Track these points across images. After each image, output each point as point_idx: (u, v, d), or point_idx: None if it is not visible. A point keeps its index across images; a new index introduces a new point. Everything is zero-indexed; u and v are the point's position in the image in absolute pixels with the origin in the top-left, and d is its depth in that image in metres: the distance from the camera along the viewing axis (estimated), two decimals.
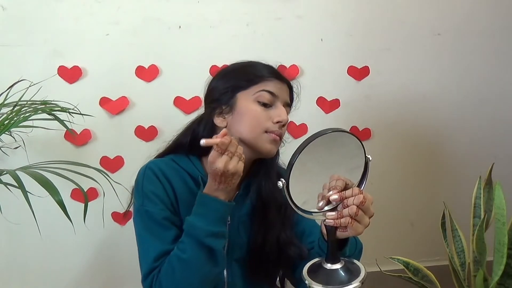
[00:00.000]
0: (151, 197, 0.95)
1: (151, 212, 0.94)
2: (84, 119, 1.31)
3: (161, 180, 0.96)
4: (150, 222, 0.94)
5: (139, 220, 0.96)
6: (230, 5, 1.59)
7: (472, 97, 1.85)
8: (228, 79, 1.00)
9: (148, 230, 0.94)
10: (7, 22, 1.46)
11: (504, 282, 1.26)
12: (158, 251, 0.91)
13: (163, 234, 0.93)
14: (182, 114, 1.60)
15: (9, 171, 0.98)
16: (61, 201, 0.93)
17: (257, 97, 0.95)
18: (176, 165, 0.99)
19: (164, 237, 0.93)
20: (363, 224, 0.77)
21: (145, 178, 0.97)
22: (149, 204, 0.95)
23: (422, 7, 1.75)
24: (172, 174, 0.97)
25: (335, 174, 0.80)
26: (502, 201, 1.24)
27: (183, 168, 0.99)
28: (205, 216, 0.87)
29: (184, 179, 0.98)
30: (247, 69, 1.00)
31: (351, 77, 1.73)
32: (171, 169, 0.98)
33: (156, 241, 0.92)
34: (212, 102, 1.00)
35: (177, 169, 0.99)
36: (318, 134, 0.75)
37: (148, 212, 0.94)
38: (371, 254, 1.28)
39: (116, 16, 1.52)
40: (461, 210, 1.54)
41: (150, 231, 0.94)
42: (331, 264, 0.77)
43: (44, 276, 1.61)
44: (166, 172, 0.97)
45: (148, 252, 0.93)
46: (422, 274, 1.38)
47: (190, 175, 0.99)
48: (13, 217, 1.34)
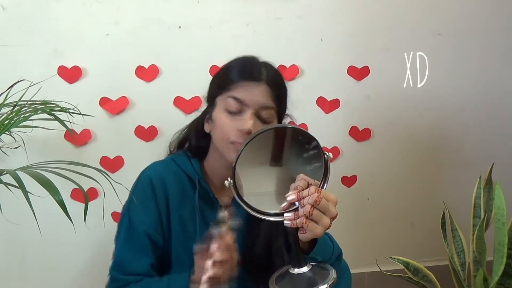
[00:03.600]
0: (139, 206, 0.95)
1: (134, 222, 0.95)
2: (84, 119, 1.30)
3: (155, 189, 0.95)
4: (130, 232, 0.95)
5: (122, 224, 0.98)
6: (230, 5, 1.59)
7: (472, 97, 1.85)
8: (212, 83, 0.99)
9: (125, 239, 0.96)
10: (7, 22, 1.45)
11: (504, 282, 1.26)
12: (126, 263, 0.93)
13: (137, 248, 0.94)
14: (182, 114, 1.60)
15: (9, 171, 0.97)
16: (62, 201, 0.93)
17: (225, 105, 0.91)
18: (176, 166, 0.99)
19: (137, 252, 0.93)
20: (321, 225, 0.74)
21: (138, 185, 0.98)
22: (135, 213, 0.95)
23: (422, 7, 1.75)
24: (170, 178, 0.97)
25: (301, 174, 0.78)
26: (502, 201, 1.24)
27: (182, 169, 0.99)
28: None
29: (181, 181, 0.98)
30: (222, 72, 0.97)
31: (351, 77, 1.73)
32: (169, 173, 0.98)
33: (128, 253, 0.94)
34: (206, 106, 1.01)
35: (176, 171, 0.98)
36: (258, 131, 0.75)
37: (131, 221, 0.95)
38: (371, 254, 1.29)
39: (116, 16, 1.52)
40: (461, 210, 1.54)
41: (127, 240, 0.95)
42: (298, 269, 0.75)
43: (44, 276, 1.61)
44: (165, 179, 0.96)
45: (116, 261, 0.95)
46: (422, 274, 1.39)
47: (188, 176, 0.99)
48: (13, 217, 1.33)
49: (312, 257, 0.81)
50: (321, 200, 0.73)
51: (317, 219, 0.74)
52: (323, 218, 0.74)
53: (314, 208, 0.73)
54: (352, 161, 1.79)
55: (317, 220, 0.74)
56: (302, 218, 0.73)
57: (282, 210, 0.76)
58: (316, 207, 0.73)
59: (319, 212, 0.73)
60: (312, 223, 0.73)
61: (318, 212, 0.73)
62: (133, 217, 0.95)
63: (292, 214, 0.75)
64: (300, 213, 0.74)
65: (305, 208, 0.73)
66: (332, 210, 0.75)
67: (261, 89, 0.90)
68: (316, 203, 0.72)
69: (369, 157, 1.80)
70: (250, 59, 0.97)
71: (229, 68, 0.96)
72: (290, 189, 0.77)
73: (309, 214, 0.73)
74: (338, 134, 1.76)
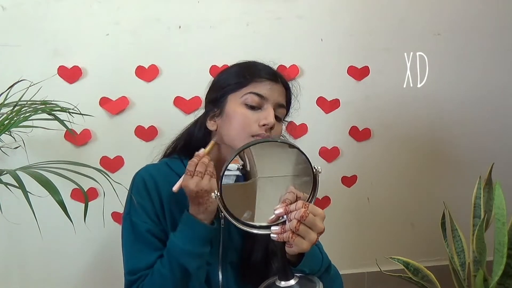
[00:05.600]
0: (137, 207, 0.96)
1: (136, 223, 0.95)
2: (84, 119, 1.30)
3: (149, 190, 0.96)
4: (134, 234, 0.96)
5: (125, 228, 0.98)
6: (230, 5, 1.59)
7: (472, 97, 1.85)
8: (221, 82, 1.00)
9: (131, 242, 0.96)
10: (7, 22, 1.45)
11: (504, 282, 1.26)
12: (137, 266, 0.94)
13: (144, 248, 0.94)
14: (182, 114, 1.60)
15: (9, 171, 0.97)
16: (62, 201, 0.93)
17: (245, 99, 0.93)
18: (169, 169, 1.00)
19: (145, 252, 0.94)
20: (307, 240, 0.74)
21: (134, 187, 0.99)
22: (135, 214, 0.96)
23: (422, 7, 1.75)
24: (163, 180, 0.97)
25: (291, 186, 0.78)
26: (502, 201, 1.24)
27: (175, 172, 0.99)
28: (185, 235, 0.88)
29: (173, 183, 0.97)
30: (239, 70, 0.99)
31: (351, 77, 1.73)
32: (162, 175, 0.98)
33: (137, 255, 0.94)
34: (207, 105, 1.01)
35: (169, 174, 0.98)
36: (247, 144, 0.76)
37: (133, 222, 0.96)
38: (371, 254, 1.29)
39: (116, 16, 1.52)
40: (461, 210, 1.54)
41: (132, 243, 0.96)
42: (285, 282, 0.75)
43: (44, 276, 1.61)
44: (156, 178, 0.97)
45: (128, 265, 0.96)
46: (422, 274, 1.39)
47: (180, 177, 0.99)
48: (13, 217, 1.34)
49: (300, 269, 0.81)
50: (307, 215, 0.73)
51: (303, 234, 0.74)
52: (310, 233, 0.74)
53: (301, 223, 0.73)
54: (352, 161, 1.79)
55: (304, 235, 0.74)
56: (289, 232, 0.74)
57: (269, 223, 0.76)
58: (303, 222, 0.73)
59: (305, 227, 0.74)
60: (298, 238, 0.74)
61: (305, 227, 0.74)
62: (134, 218, 0.96)
63: (279, 228, 0.75)
64: (286, 228, 0.74)
65: (292, 223, 0.73)
66: (319, 225, 0.75)
67: (280, 89, 0.96)
68: (303, 219, 0.73)
69: (369, 157, 1.80)
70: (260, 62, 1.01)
71: (246, 67, 0.99)
72: (279, 201, 0.77)
73: (296, 229, 0.73)
74: (338, 134, 1.76)
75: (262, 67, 0.98)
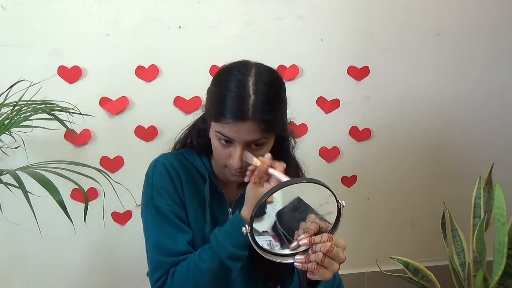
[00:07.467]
0: (161, 191, 0.96)
1: (160, 206, 0.96)
2: (84, 119, 1.31)
3: (171, 174, 0.98)
4: (159, 217, 0.96)
5: (148, 214, 0.98)
6: (230, 5, 1.59)
7: (472, 97, 1.85)
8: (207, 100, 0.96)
9: (156, 225, 0.96)
10: (7, 22, 1.45)
11: (504, 282, 1.26)
12: (166, 246, 0.94)
13: (170, 229, 0.95)
14: (182, 114, 1.60)
15: (9, 171, 0.98)
16: (62, 201, 0.93)
17: (216, 134, 0.90)
18: (186, 159, 1.02)
19: (172, 233, 0.95)
20: (331, 270, 0.77)
21: (155, 172, 0.99)
22: (159, 198, 0.96)
23: (422, 7, 1.75)
24: (182, 168, 0.99)
25: (312, 215, 0.81)
26: (502, 201, 1.24)
27: (191, 163, 1.01)
28: (233, 237, 0.88)
29: (192, 174, 1.00)
30: (214, 98, 0.92)
31: (351, 77, 1.73)
32: (180, 163, 1.00)
33: (164, 236, 0.95)
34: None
35: (186, 164, 1.01)
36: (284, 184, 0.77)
37: (157, 206, 0.96)
38: (371, 254, 1.28)
39: (116, 16, 1.52)
40: (461, 210, 1.54)
41: (158, 225, 0.96)
42: None
43: (44, 276, 1.61)
44: (175, 165, 0.99)
45: (156, 247, 0.95)
46: (422, 274, 1.39)
47: (198, 170, 1.01)
48: (13, 217, 1.34)
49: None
50: (333, 249, 0.75)
51: (327, 265, 0.77)
52: (333, 264, 0.77)
53: (326, 256, 0.76)
54: (352, 161, 1.79)
55: (327, 266, 0.77)
56: (314, 263, 0.76)
57: (292, 250, 0.79)
58: (328, 255, 0.76)
59: (330, 259, 0.76)
60: (322, 269, 0.77)
61: (329, 259, 0.76)
62: (157, 202, 0.96)
63: (303, 258, 0.78)
64: (311, 258, 0.77)
65: (317, 256, 0.76)
66: (341, 257, 0.78)
67: (249, 127, 0.86)
68: (329, 252, 0.75)
69: (369, 157, 1.80)
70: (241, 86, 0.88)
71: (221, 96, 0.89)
72: (300, 227, 0.79)
73: (321, 262, 0.76)
74: (338, 134, 1.76)
75: (230, 101, 0.87)
